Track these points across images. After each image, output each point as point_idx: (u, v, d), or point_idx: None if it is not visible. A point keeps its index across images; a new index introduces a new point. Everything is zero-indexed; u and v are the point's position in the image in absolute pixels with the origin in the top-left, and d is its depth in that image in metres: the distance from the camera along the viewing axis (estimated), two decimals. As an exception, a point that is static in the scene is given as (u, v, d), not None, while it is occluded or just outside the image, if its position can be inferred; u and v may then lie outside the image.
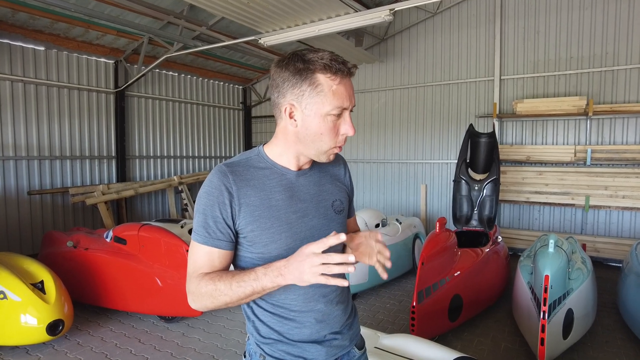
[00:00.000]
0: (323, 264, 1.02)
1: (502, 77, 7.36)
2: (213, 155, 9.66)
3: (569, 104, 6.51)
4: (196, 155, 9.23)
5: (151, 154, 8.28)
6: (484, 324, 4.26)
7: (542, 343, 3.02)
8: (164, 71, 8.41)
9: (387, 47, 8.56)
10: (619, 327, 4.14)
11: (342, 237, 1.04)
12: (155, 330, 4.19)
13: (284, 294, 1.25)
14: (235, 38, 6.86)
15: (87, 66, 7.21)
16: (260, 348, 1.28)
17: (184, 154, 8.96)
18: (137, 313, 4.50)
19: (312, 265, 1.03)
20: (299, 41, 8.12)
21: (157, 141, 8.40)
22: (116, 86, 7.56)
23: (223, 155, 9.93)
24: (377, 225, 5.50)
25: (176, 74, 8.69)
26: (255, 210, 1.21)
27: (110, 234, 4.72)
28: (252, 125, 10.64)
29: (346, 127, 1.21)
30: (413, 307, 3.43)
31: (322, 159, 1.26)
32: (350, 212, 1.48)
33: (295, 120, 1.20)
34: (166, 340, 3.95)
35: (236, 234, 1.23)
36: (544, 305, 3.07)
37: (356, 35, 7.00)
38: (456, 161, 7.80)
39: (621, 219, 6.61)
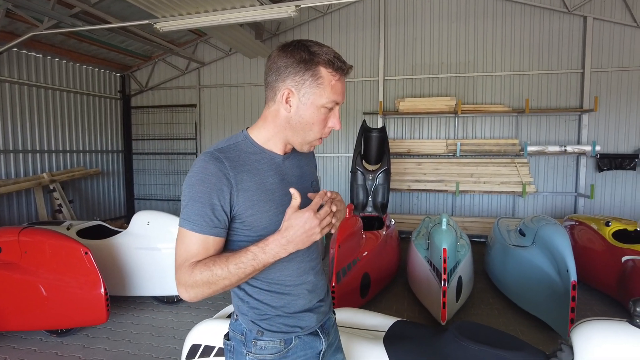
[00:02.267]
0: (323, 219, 1.15)
1: (385, 78, 8.11)
2: (88, 149, 8.62)
3: (442, 103, 7.51)
4: (68, 149, 8.12)
5: (11, 148, 7.04)
6: (386, 299, 4.72)
7: (444, 306, 3.52)
8: (25, 51, 7.22)
9: (279, 42, 8.68)
10: (489, 289, 4.99)
11: (329, 193, 1.21)
12: (46, 347, 3.67)
13: (279, 272, 1.30)
14: (118, 20, 6.25)
15: None
16: (257, 325, 1.31)
17: (54, 148, 7.81)
18: (16, 332, 3.87)
19: (320, 222, 1.14)
20: (191, 30, 7.78)
21: (19, 133, 7.17)
22: (-40, 65, 6.25)
23: (99, 149, 8.94)
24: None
25: (40, 56, 7.52)
26: (253, 195, 1.24)
27: (-24, 241, 3.94)
28: (132, 116, 9.76)
29: (334, 121, 1.29)
30: (333, 286, 3.65)
31: (305, 148, 1.33)
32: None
33: (290, 106, 1.25)
34: (64, 357, 3.50)
35: (230, 220, 1.24)
36: (444, 274, 3.57)
37: (256, 28, 6.96)
38: (346, 154, 8.42)
39: (482, 201, 7.90)
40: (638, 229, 4.41)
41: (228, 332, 1.41)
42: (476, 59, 7.70)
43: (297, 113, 1.24)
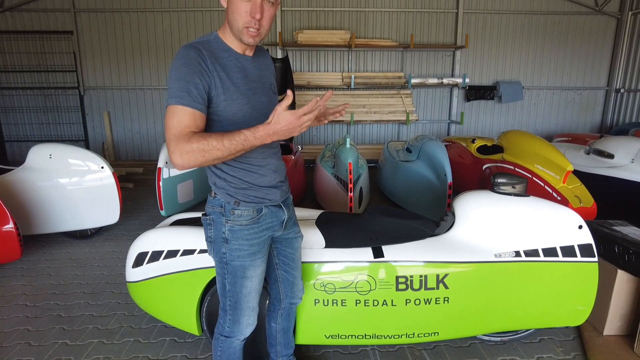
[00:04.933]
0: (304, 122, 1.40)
1: (283, 8, 8.13)
2: None
3: (338, 36, 7.88)
4: None
5: None
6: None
7: (351, 210, 4.14)
8: None
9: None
10: (382, 201, 5.84)
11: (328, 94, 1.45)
12: (-50, 289, 3.44)
13: (249, 153, 1.58)
14: None
15: None
16: (234, 197, 1.61)
17: None
18: None
19: (301, 124, 1.36)
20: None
21: None
22: None
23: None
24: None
25: None
26: (224, 84, 1.50)
27: None
28: (-11, 44, 8.27)
29: (253, 9, 1.45)
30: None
31: (244, 35, 1.49)
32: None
33: (225, 4, 1.51)
34: (-24, 294, 3.34)
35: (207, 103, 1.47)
36: (350, 183, 4.16)
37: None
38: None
39: (372, 130, 8.76)
40: (495, 143, 5.51)
41: (205, 211, 1.70)
42: (369, -6, 8.14)
43: (228, 8, 1.50)
